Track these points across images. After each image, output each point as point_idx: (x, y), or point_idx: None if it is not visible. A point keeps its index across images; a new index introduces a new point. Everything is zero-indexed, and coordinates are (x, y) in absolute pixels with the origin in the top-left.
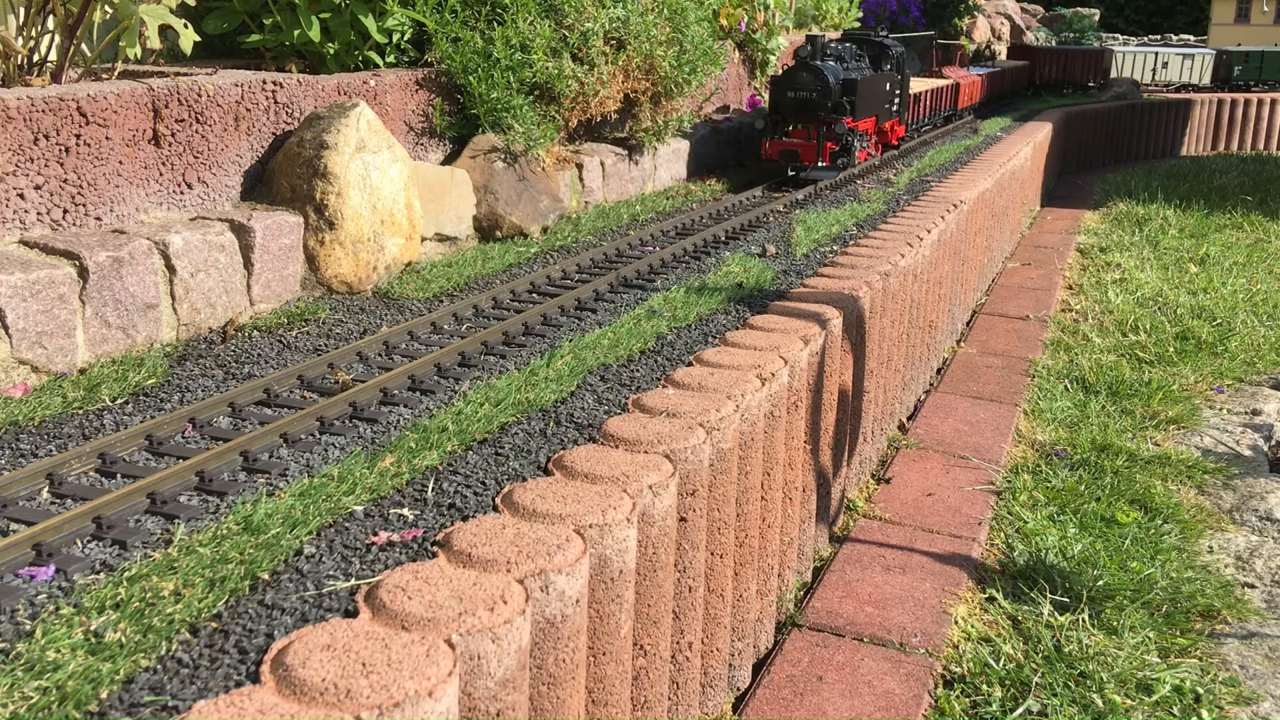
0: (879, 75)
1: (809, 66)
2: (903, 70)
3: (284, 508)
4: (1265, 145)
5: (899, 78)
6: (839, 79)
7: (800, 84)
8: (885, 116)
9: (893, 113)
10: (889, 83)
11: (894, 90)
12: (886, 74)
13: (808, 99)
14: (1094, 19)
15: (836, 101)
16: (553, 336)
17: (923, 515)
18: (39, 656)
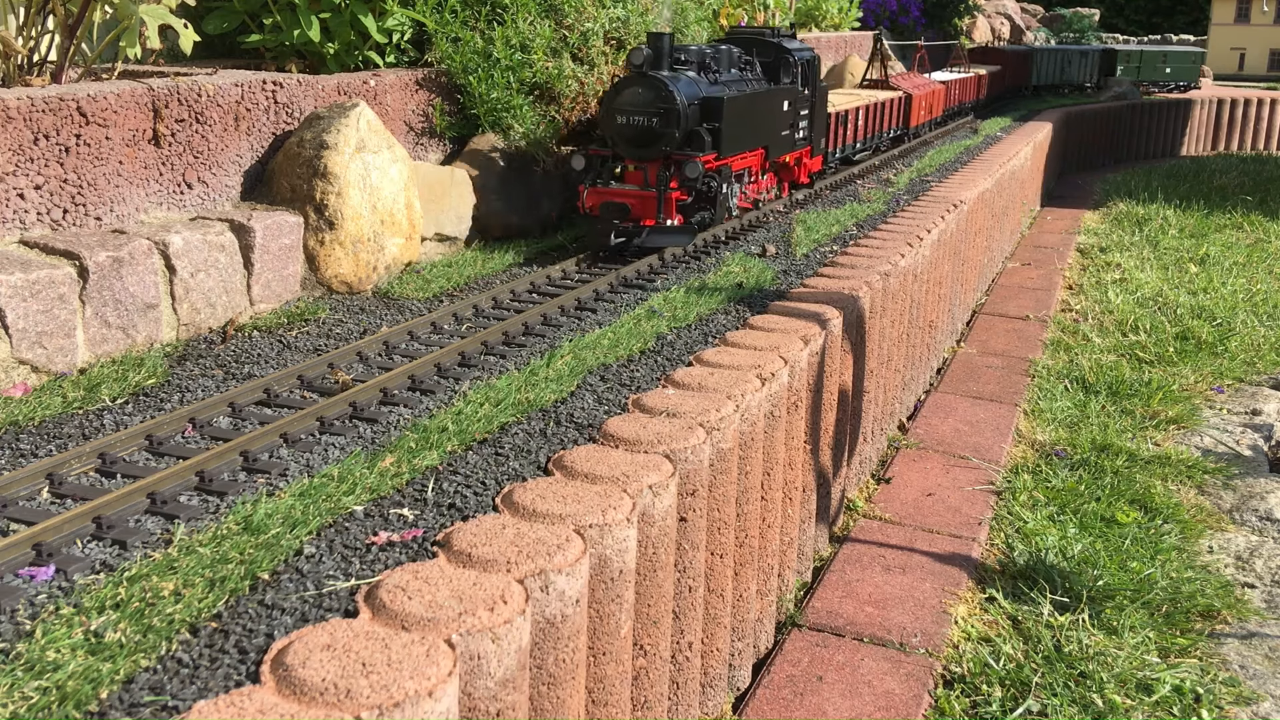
0: (771, 91)
1: (646, 79)
2: (812, 82)
3: (284, 508)
4: (1265, 145)
5: (804, 93)
6: (694, 97)
7: (633, 104)
8: (783, 146)
9: (798, 140)
10: (788, 100)
11: (798, 109)
12: (784, 89)
13: (644, 126)
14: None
15: (690, 130)
16: (553, 336)
17: (923, 515)
18: (39, 656)
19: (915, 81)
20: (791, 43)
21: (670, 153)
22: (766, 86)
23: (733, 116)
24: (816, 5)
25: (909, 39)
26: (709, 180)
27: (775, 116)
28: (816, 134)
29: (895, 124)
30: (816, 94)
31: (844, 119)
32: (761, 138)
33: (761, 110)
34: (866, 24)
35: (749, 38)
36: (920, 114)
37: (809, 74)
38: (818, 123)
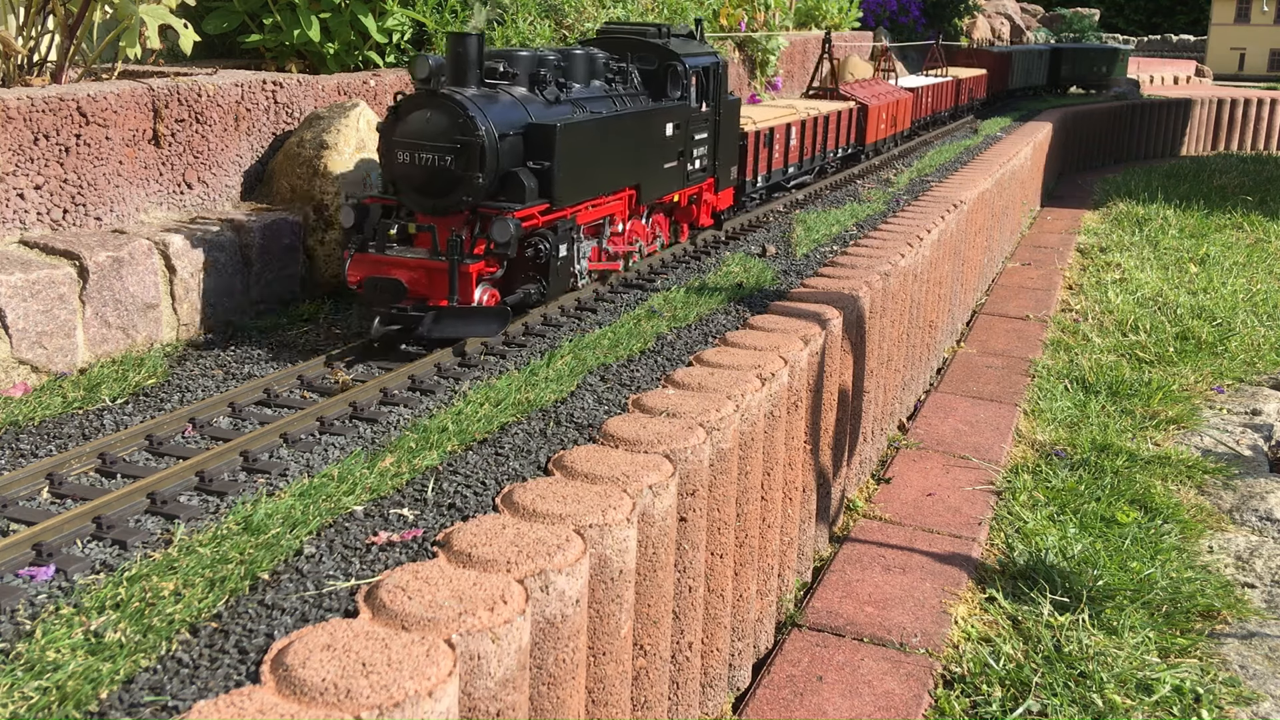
0: (645, 112)
1: (437, 100)
2: (715, 96)
3: (284, 508)
4: (1265, 145)
5: (700, 110)
6: (512, 125)
7: (419, 135)
8: (668, 182)
9: (693, 172)
10: (674, 121)
11: (690, 132)
12: (667, 107)
13: (435, 167)
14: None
15: (504, 171)
16: (553, 336)
17: (923, 515)
18: (39, 656)
19: (876, 89)
20: (686, 45)
21: (474, 204)
22: (641, 104)
23: (574, 150)
24: (816, 5)
25: (908, 39)
26: (537, 241)
27: (653, 144)
28: (724, 161)
29: (846, 140)
30: (723, 110)
31: (769, 139)
32: (628, 174)
33: (627, 138)
34: (866, 24)
35: (624, 39)
36: (880, 127)
37: (709, 86)
38: (725, 147)
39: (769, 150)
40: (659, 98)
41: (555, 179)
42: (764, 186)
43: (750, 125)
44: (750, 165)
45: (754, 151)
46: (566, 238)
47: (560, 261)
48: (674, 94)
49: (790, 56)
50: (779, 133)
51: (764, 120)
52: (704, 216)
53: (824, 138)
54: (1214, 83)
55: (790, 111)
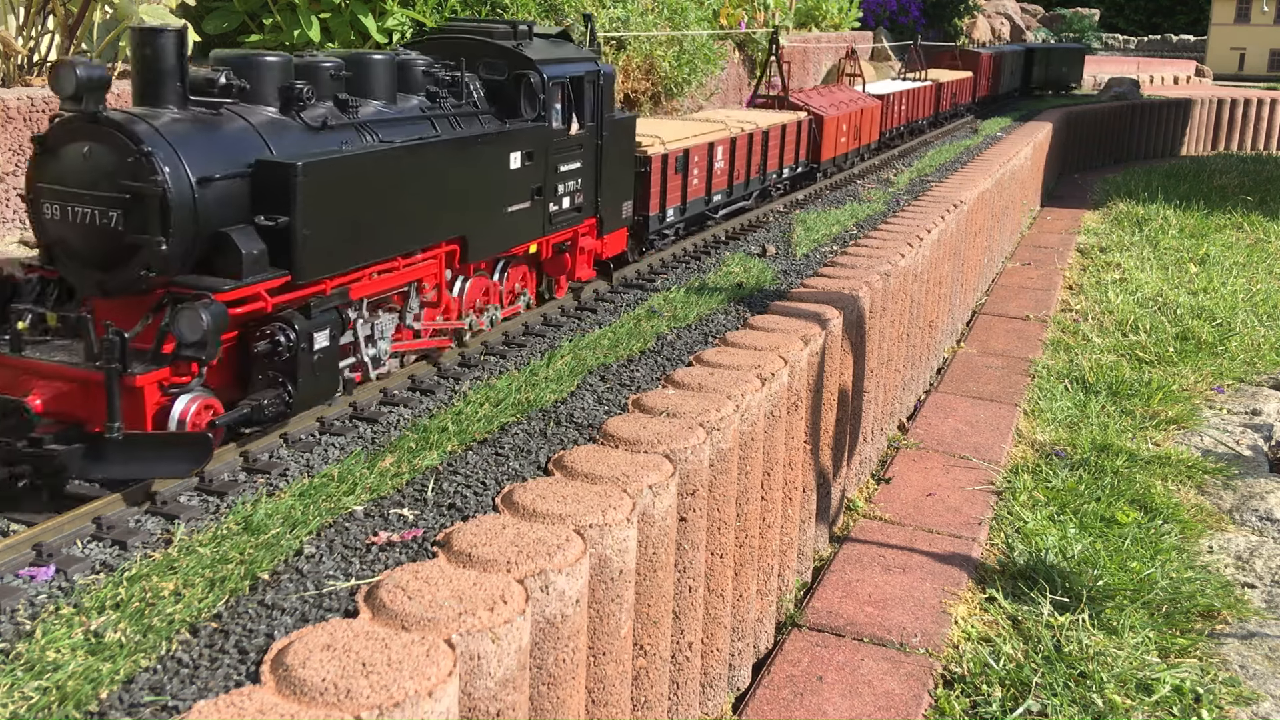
0: (471, 141)
1: (101, 127)
2: (594, 113)
3: (284, 508)
4: (1265, 145)
5: (567, 133)
6: (215, 165)
7: (74, 178)
8: (521, 230)
9: (558, 214)
10: (525, 150)
11: (553, 162)
12: (514, 132)
13: (97, 225)
14: (1094, 19)
15: (209, 232)
16: (553, 336)
17: (923, 515)
18: (39, 656)
19: (836, 97)
20: (550, 48)
21: (163, 281)
22: (476, 128)
23: (330, 197)
24: (816, 5)
25: (908, 39)
26: (275, 331)
27: (487, 181)
28: (611, 197)
29: (795, 157)
30: (607, 133)
31: (682, 164)
32: (445, 223)
33: (439, 175)
34: (866, 24)
35: (460, 40)
36: (840, 141)
37: (584, 102)
38: (612, 179)
39: (684, 177)
40: (507, 116)
41: (297, 240)
42: (679, 221)
43: (655, 148)
44: (656, 197)
45: (660, 180)
46: (326, 322)
47: (319, 356)
48: (528, 112)
49: (790, 56)
50: (697, 155)
51: (676, 140)
52: (582, 267)
53: (764, 156)
54: (1214, 83)
55: (716, 127)
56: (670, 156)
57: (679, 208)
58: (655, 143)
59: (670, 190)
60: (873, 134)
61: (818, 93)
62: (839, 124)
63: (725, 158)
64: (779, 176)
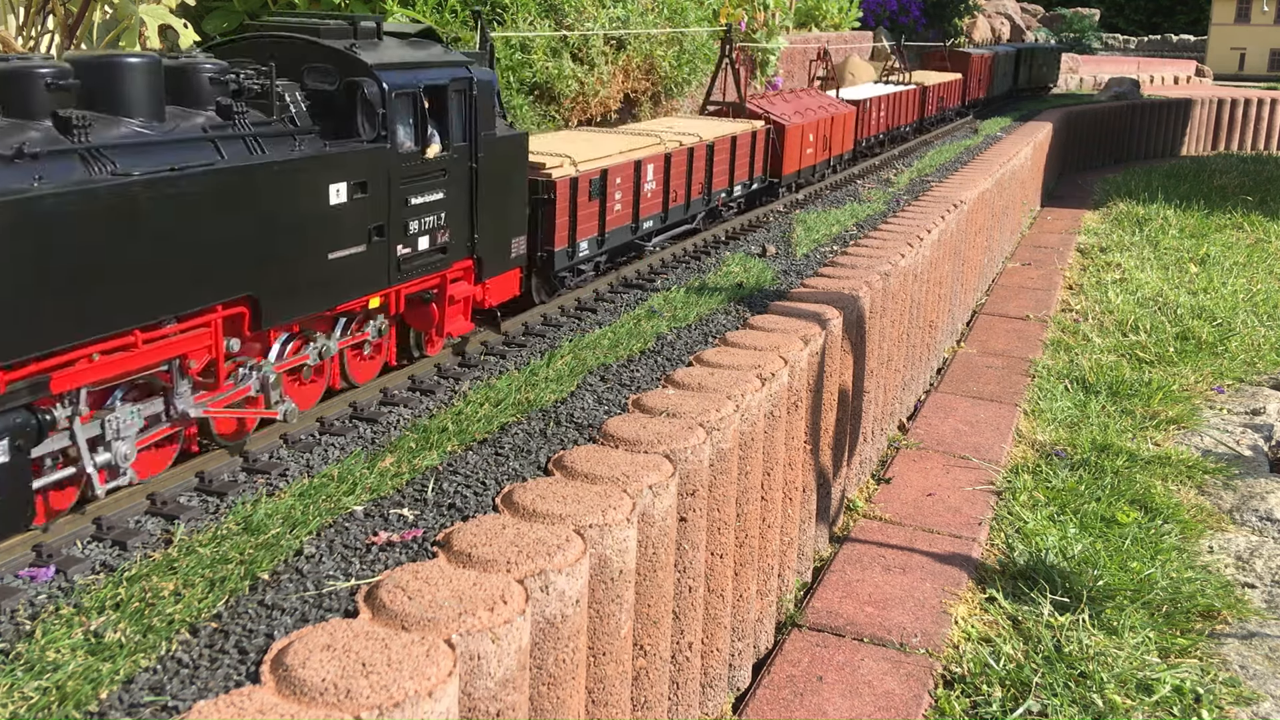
0: (255, 170)
1: None
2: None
3: (284, 508)
4: (1265, 145)
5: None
6: None
7: None
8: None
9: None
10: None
11: (400, 196)
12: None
13: None
14: (1094, 19)
15: None
16: (553, 336)
17: (923, 515)
18: (39, 656)
19: (802, 103)
20: (398, 50)
21: None
22: (278, 150)
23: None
24: (816, 5)
25: (908, 39)
26: None
27: (288, 222)
28: (493, 232)
29: (749, 173)
30: (484, 154)
31: (600, 187)
32: (217, 278)
33: (204, 216)
34: (867, 24)
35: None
36: (805, 153)
37: (449, 116)
38: (496, 209)
39: (602, 202)
40: (343, 136)
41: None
42: (598, 255)
43: (563, 170)
44: (563, 230)
45: (569, 209)
46: (8, 428)
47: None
48: (366, 131)
49: (790, 56)
50: (619, 176)
51: (591, 159)
52: (454, 319)
53: (709, 173)
54: (1214, 83)
55: (647, 142)
56: (582, 180)
57: (595, 239)
58: (563, 164)
59: (583, 220)
60: (845, 143)
61: (781, 99)
62: (804, 133)
63: (658, 177)
64: (730, 195)
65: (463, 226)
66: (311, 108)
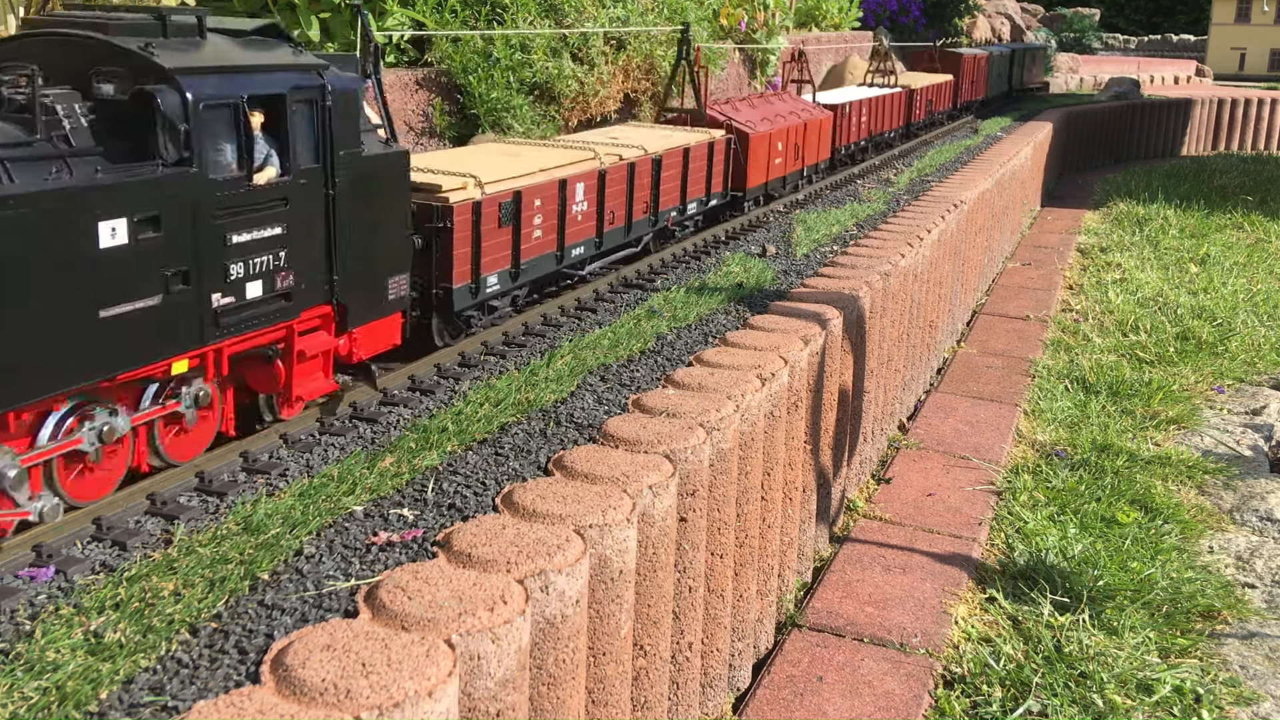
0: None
1: None
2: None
3: (284, 508)
4: (1265, 145)
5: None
6: None
7: None
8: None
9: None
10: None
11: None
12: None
13: None
14: (1094, 19)
15: None
16: (553, 336)
17: (923, 515)
18: (39, 656)
19: (772, 109)
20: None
21: None
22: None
23: None
24: (817, 5)
25: (909, 39)
26: None
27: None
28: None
29: (706, 188)
30: (342, 175)
31: (511, 211)
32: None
33: None
34: (866, 24)
35: (68, 38)
36: (772, 163)
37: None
38: (364, 243)
39: (515, 229)
40: (141, 158)
41: None
42: (513, 290)
43: (463, 193)
44: (464, 262)
45: (472, 238)
46: None
47: None
48: (168, 152)
49: (790, 57)
50: (539, 197)
51: (501, 179)
52: (309, 379)
53: (655, 190)
54: (1214, 83)
55: (579, 157)
56: (488, 204)
57: (508, 272)
58: (465, 185)
59: (491, 250)
60: (822, 152)
61: (748, 104)
62: (771, 142)
63: (590, 196)
64: (683, 214)
65: (316, 266)
66: (99, 123)
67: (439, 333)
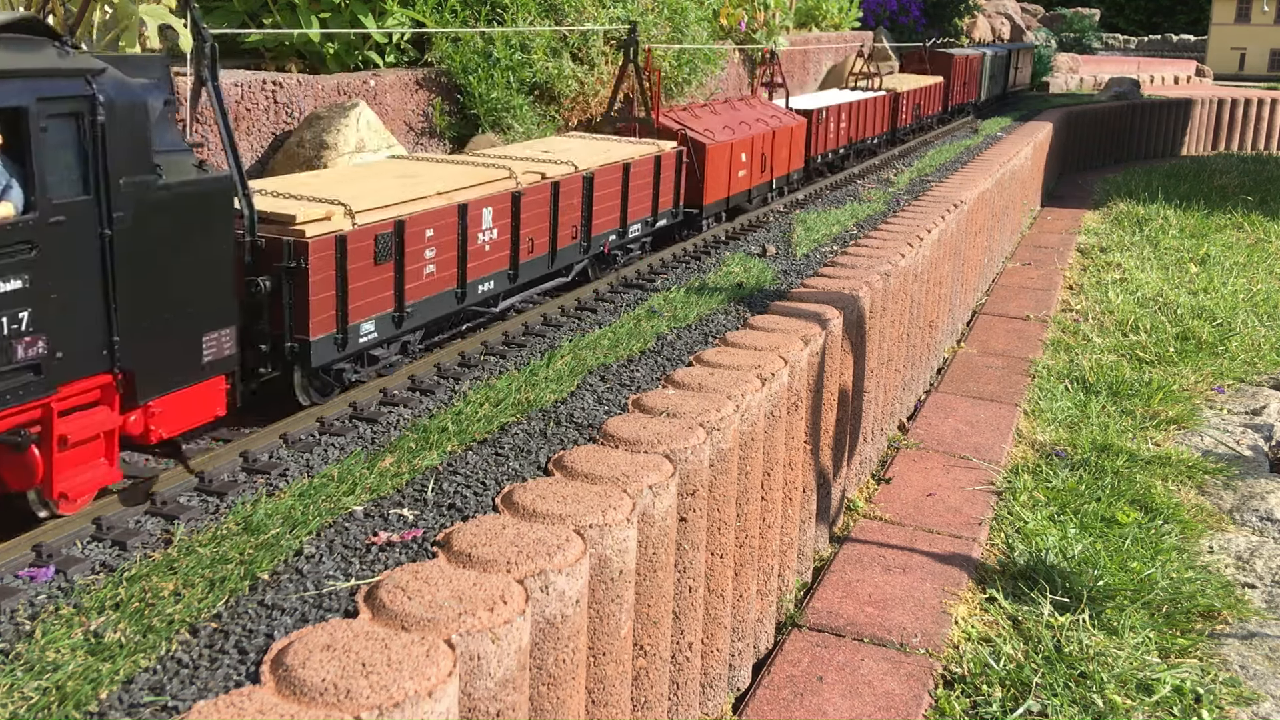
0: None
1: None
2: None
3: (284, 508)
4: (1265, 145)
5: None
6: None
7: None
8: None
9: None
10: None
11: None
12: None
13: None
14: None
15: None
16: (553, 336)
17: (923, 515)
18: (39, 656)
19: (735, 115)
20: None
21: None
22: None
23: None
24: (817, 5)
25: (909, 39)
26: None
27: None
28: (160, 326)
29: (653, 206)
30: (124, 210)
31: (390, 245)
32: None
33: None
34: (867, 24)
35: None
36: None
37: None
38: (159, 295)
39: (399, 264)
40: None
41: None
42: (398, 336)
43: (325, 224)
44: (326, 309)
45: (337, 279)
46: None
47: None
48: None
49: (790, 57)
50: (434, 226)
51: (380, 205)
52: (81, 468)
53: (587, 212)
54: (1214, 83)
55: (490, 175)
56: (359, 237)
57: (390, 316)
58: (330, 215)
59: (364, 292)
60: (794, 161)
61: (709, 111)
62: (733, 153)
63: (501, 222)
64: (623, 236)
65: (86, 327)
66: None
67: (303, 391)
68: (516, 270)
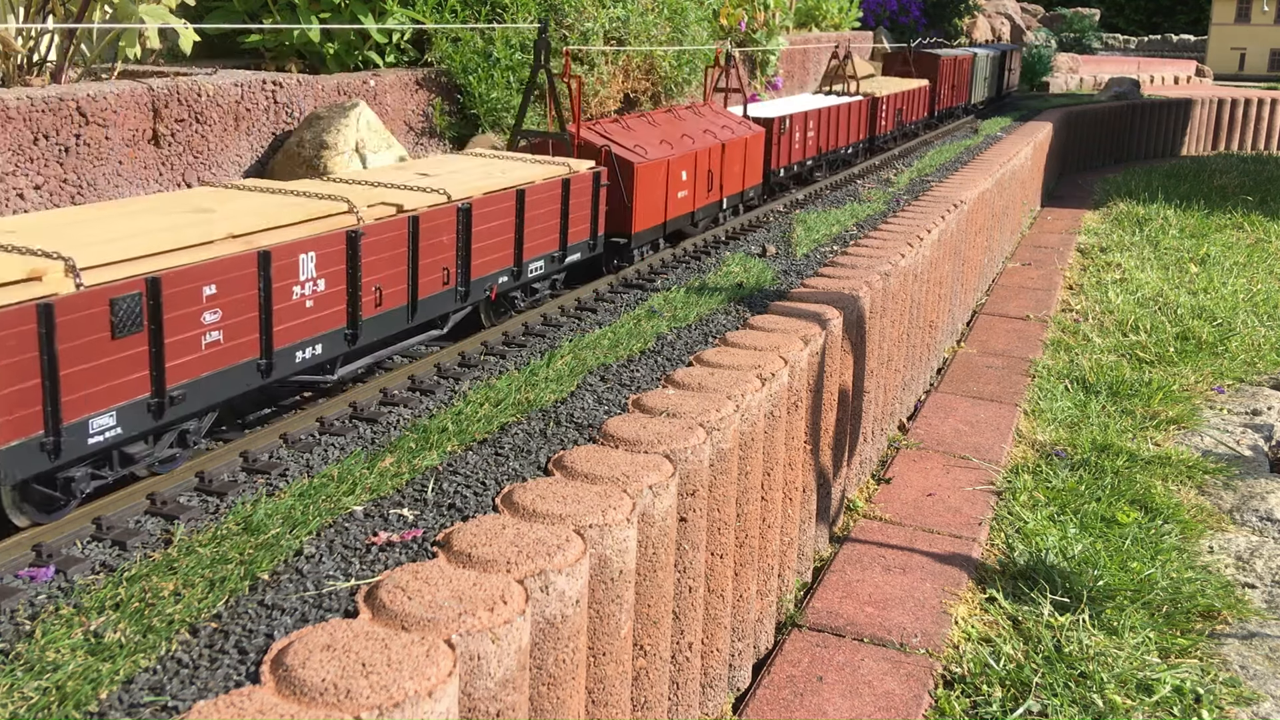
0: None
1: None
2: None
3: (284, 508)
4: (1265, 145)
5: None
6: None
7: None
8: None
9: None
10: None
11: None
12: None
13: None
14: (1094, 19)
15: None
16: (553, 336)
17: (923, 515)
18: (39, 657)
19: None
20: None
21: None
22: None
23: None
24: (817, 5)
25: (909, 39)
26: None
27: None
28: None
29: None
30: None
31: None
32: None
33: None
34: (866, 24)
35: None
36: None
37: None
38: None
39: (154, 335)
40: None
41: None
42: (156, 428)
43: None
44: (36, 403)
45: (43, 363)
46: None
47: None
48: None
49: (790, 57)
50: (218, 282)
51: (129, 256)
52: None
53: (463, 253)
54: (1214, 83)
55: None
56: (78, 304)
57: (145, 403)
58: (40, 275)
59: (97, 376)
60: (751, 177)
61: (645, 122)
62: (670, 171)
63: (332, 270)
64: (518, 277)
65: None
66: None
67: (15, 509)
68: (357, 329)
